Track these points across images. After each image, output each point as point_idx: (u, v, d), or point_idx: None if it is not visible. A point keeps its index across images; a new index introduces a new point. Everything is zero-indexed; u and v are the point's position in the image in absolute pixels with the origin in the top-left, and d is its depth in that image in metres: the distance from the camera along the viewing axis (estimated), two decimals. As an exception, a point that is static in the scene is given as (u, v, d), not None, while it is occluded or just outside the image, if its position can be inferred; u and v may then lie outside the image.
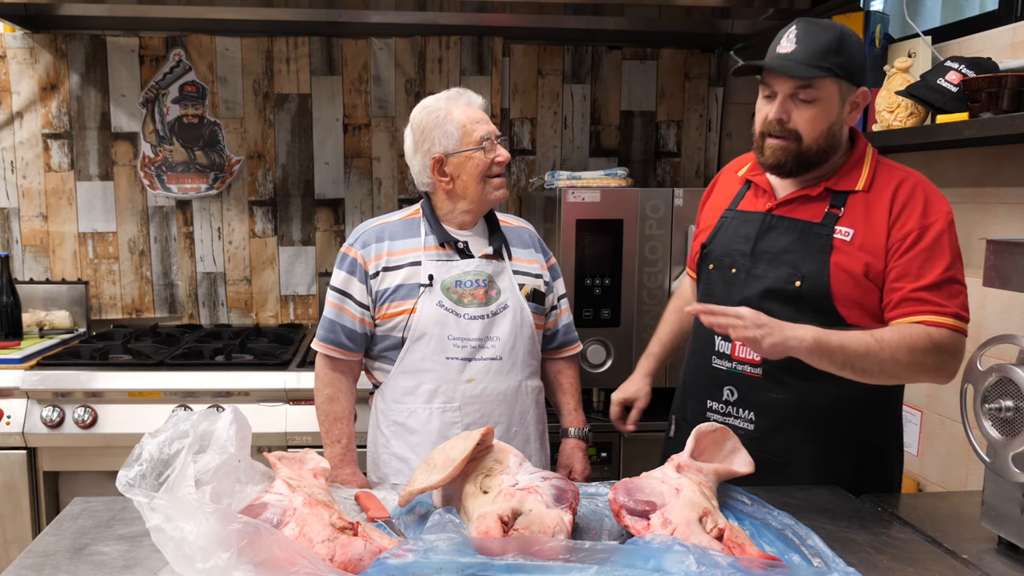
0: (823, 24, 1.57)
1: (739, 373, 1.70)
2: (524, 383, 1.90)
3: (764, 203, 1.72)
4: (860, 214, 1.61)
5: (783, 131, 1.59)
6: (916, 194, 1.60)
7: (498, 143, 1.87)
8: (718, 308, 1.51)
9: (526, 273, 1.93)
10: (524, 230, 2.01)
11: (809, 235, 1.63)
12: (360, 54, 3.18)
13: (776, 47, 1.59)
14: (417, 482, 1.42)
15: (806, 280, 1.61)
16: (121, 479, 1.17)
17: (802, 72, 1.53)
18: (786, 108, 1.58)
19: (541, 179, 2.97)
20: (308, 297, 3.31)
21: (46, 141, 3.13)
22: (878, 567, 1.30)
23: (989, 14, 2.12)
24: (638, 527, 1.30)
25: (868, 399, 1.64)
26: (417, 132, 1.85)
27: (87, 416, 2.50)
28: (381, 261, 1.86)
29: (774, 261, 1.66)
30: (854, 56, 1.57)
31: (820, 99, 1.56)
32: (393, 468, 1.89)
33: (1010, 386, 1.29)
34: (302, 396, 2.56)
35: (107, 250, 3.21)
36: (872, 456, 1.71)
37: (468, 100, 1.87)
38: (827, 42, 1.54)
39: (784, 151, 1.60)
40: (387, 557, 1.14)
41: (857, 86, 1.60)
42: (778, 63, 1.56)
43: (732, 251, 1.73)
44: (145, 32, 3.11)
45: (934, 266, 1.55)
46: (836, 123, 1.60)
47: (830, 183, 1.64)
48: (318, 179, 3.25)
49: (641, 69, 3.31)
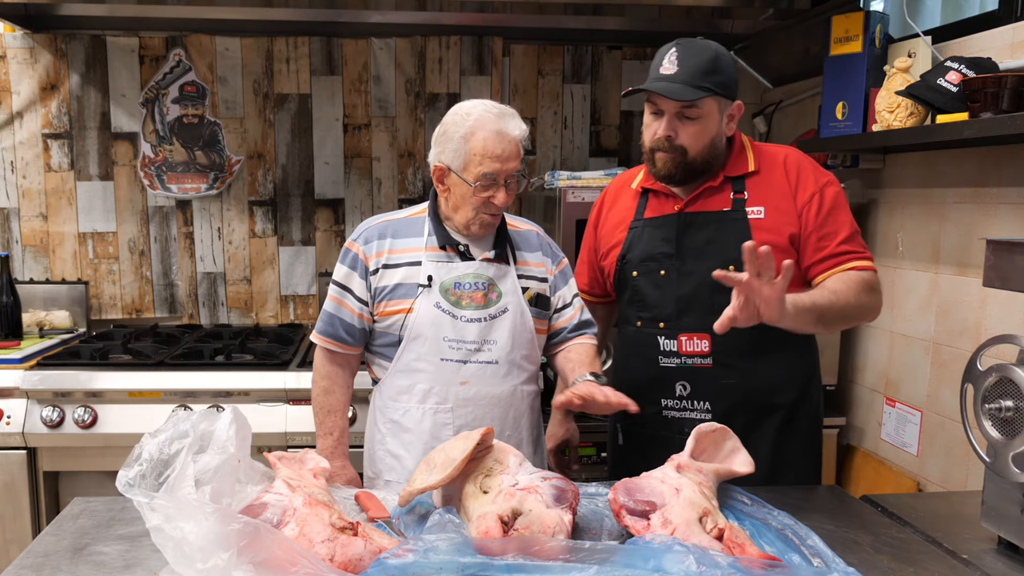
0: (700, 45, 1.72)
1: (689, 367, 1.80)
2: (520, 388, 1.88)
3: (672, 205, 1.83)
4: (761, 192, 1.77)
5: (671, 146, 1.73)
6: (803, 162, 1.80)
7: (505, 186, 1.76)
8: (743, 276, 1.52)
9: (531, 277, 1.91)
10: (532, 233, 1.99)
11: (726, 223, 1.77)
12: (360, 54, 3.18)
13: (659, 68, 1.72)
14: (417, 482, 1.42)
15: (738, 264, 1.62)
16: (121, 479, 1.18)
17: (688, 95, 1.67)
18: (673, 126, 1.72)
19: (541, 179, 2.96)
20: (308, 297, 3.31)
21: (46, 141, 3.13)
22: (878, 567, 1.30)
23: (989, 14, 2.12)
24: (638, 527, 1.30)
25: (791, 370, 1.83)
26: (440, 129, 1.81)
27: (87, 416, 2.50)
28: (382, 258, 1.85)
29: (701, 254, 1.78)
30: (729, 73, 1.73)
31: (703, 116, 1.71)
32: (387, 465, 1.89)
33: (1010, 386, 1.29)
34: (302, 396, 2.56)
35: (107, 250, 3.21)
36: (796, 419, 1.86)
37: (501, 127, 1.74)
38: (705, 63, 1.69)
39: (673, 162, 1.75)
40: (387, 557, 1.14)
41: (732, 100, 1.76)
42: (664, 87, 1.69)
43: (654, 254, 1.83)
44: (145, 32, 3.11)
45: (843, 221, 1.75)
46: (717, 135, 1.76)
47: (727, 171, 1.80)
48: (318, 179, 3.25)
49: (641, 69, 3.31)
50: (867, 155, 2.44)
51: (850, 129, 2.32)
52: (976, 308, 2.07)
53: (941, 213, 2.20)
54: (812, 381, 1.90)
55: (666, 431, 1.85)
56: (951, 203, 2.16)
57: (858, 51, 2.29)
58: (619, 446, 2.00)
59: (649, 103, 1.76)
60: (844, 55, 2.32)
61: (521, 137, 1.78)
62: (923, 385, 2.27)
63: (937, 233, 2.21)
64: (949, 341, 2.17)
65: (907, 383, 2.35)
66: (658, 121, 1.74)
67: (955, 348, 2.15)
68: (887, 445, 2.42)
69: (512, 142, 1.75)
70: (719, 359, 1.78)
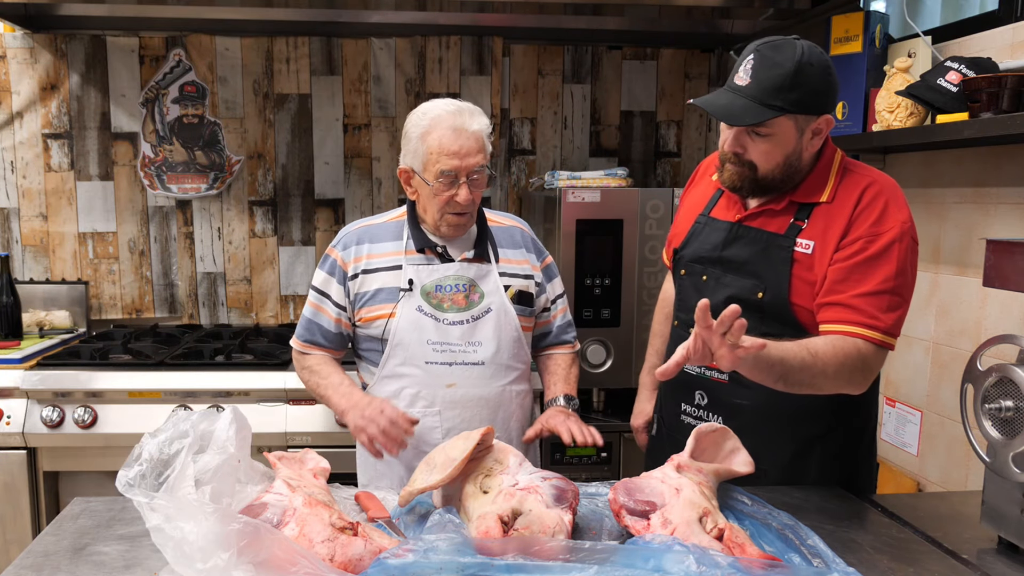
0: (780, 56, 1.52)
1: (708, 378, 1.74)
2: (508, 388, 1.88)
3: (734, 213, 1.72)
4: (821, 225, 1.59)
5: (740, 161, 1.60)
6: (876, 201, 1.56)
7: (468, 182, 1.74)
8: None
9: (513, 274, 1.90)
10: (516, 229, 1.98)
11: (772, 247, 1.63)
12: (360, 54, 3.18)
13: (734, 76, 1.57)
14: (417, 482, 1.42)
15: (768, 291, 1.62)
16: (121, 479, 1.17)
17: (747, 119, 1.52)
18: (741, 142, 1.59)
19: (541, 179, 2.97)
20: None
21: (46, 141, 3.13)
22: (878, 567, 1.30)
23: (989, 14, 2.12)
24: (638, 527, 1.30)
25: (834, 399, 1.60)
26: (403, 131, 1.83)
27: (87, 416, 2.50)
28: (360, 263, 1.84)
29: (740, 271, 1.67)
30: (812, 87, 1.52)
31: (774, 134, 1.55)
32: (378, 471, 1.89)
33: (1010, 386, 1.29)
34: (302, 396, 2.56)
35: (107, 250, 3.21)
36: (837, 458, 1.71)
37: (458, 123, 1.72)
38: (781, 78, 1.50)
39: (740, 176, 1.62)
40: (387, 557, 1.14)
41: (817, 115, 1.56)
42: (725, 108, 1.54)
43: (702, 258, 1.76)
44: (145, 32, 3.11)
45: (875, 274, 1.51)
46: (793, 153, 1.58)
47: (796, 196, 1.63)
48: (318, 179, 3.25)
49: (641, 69, 3.31)
50: (867, 155, 2.44)
51: (850, 129, 2.33)
52: (976, 308, 2.07)
53: (941, 213, 2.20)
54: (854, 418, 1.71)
55: (680, 436, 1.80)
56: (951, 203, 2.16)
57: (858, 51, 2.29)
58: (652, 436, 1.98)
59: None
60: (844, 55, 2.32)
61: (482, 132, 1.75)
62: (923, 385, 2.27)
63: (937, 233, 2.21)
64: (949, 341, 2.17)
65: (907, 383, 2.35)
66: (729, 130, 1.61)
67: (955, 348, 2.15)
68: (887, 445, 2.42)
69: (471, 137, 1.72)
70: (735, 376, 1.62)
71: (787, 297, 1.60)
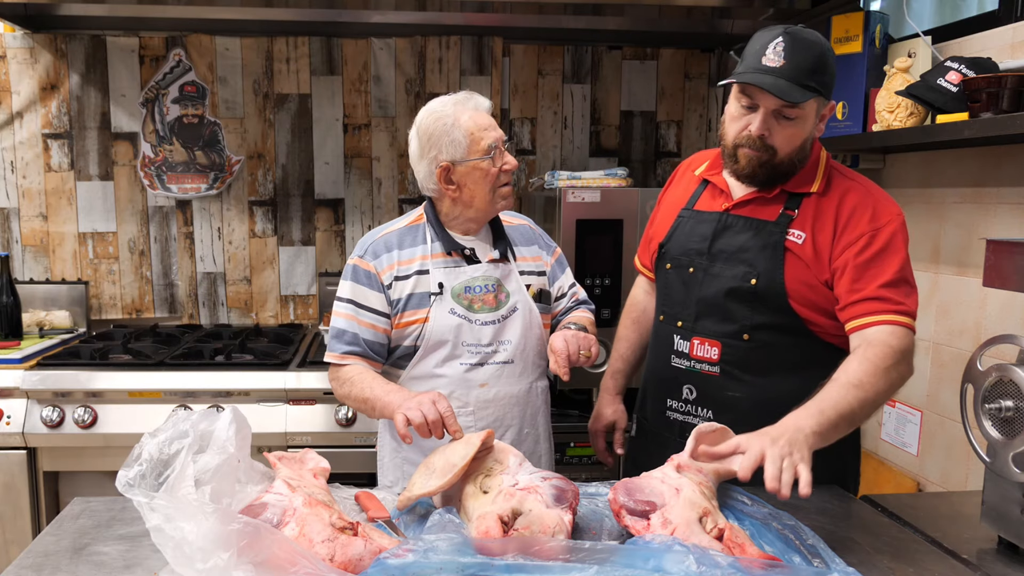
0: (809, 39, 1.55)
1: (698, 372, 1.73)
2: (535, 384, 1.91)
3: (721, 203, 1.73)
4: (811, 217, 1.63)
5: (761, 145, 1.59)
6: (864, 201, 1.61)
7: (505, 149, 1.83)
8: (725, 450, 1.39)
9: (531, 272, 1.92)
10: (526, 226, 2.00)
11: (763, 233, 1.65)
12: (360, 54, 3.18)
13: (761, 57, 1.55)
14: (416, 487, 1.42)
15: (761, 278, 1.62)
16: (121, 479, 1.17)
17: (795, 96, 1.52)
18: (768, 125, 1.58)
19: (541, 179, 2.96)
20: (308, 297, 3.31)
21: (46, 141, 3.13)
22: (878, 567, 1.30)
23: (989, 14, 2.12)
24: (638, 527, 1.30)
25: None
26: (423, 137, 1.81)
27: (87, 416, 2.50)
28: (393, 271, 1.82)
29: (730, 259, 1.68)
30: (832, 71, 1.59)
31: (802, 117, 1.57)
32: (404, 472, 1.88)
33: (1010, 386, 1.29)
34: (302, 396, 2.56)
35: (107, 250, 3.21)
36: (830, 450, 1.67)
37: (476, 105, 1.82)
38: (813, 60, 1.53)
39: (759, 161, 1.62)
40: (387, 557, 1.14)
41: (831, 99, 1.63)
42: (771, 83, 1.52)
43: (689, 250, 1.75)
44: (145, 32, 3.12)
45: (889, 265, 1.56)
46: (808, 138, 1.63)
47: (787, 185, 1.66)
48: (318, 179, 3.25)
49: (641, 69, 3.32)
50: (867, 155, 2.44)
51: (850, 129, 2.33)
52: (976, 308, 2.07)
53: (941, 213, 2.20)
54: None
55: (667, 432, 1.82)
56: (951, 203, 2.16)
57: (858, 51, 2.29)
58: (632, 438, 1.97)
59: (743, 95, 1.60)
60: (844, 55, 2.32)
61: (491, 108, 1.87)
62: (923, 385, 2.27)
63: (937, 233, 2.21)
64: (949, 341, 2.17)
65: (907, 383, 2.34)
66: (749, 116, 1.59)
67: (955, 348, 2.15)
68: (887, 445, 2.42)
69: (488, 112, 1.85)
70: (727, 370, 1.68)
71: (781, 284, 1.61)
